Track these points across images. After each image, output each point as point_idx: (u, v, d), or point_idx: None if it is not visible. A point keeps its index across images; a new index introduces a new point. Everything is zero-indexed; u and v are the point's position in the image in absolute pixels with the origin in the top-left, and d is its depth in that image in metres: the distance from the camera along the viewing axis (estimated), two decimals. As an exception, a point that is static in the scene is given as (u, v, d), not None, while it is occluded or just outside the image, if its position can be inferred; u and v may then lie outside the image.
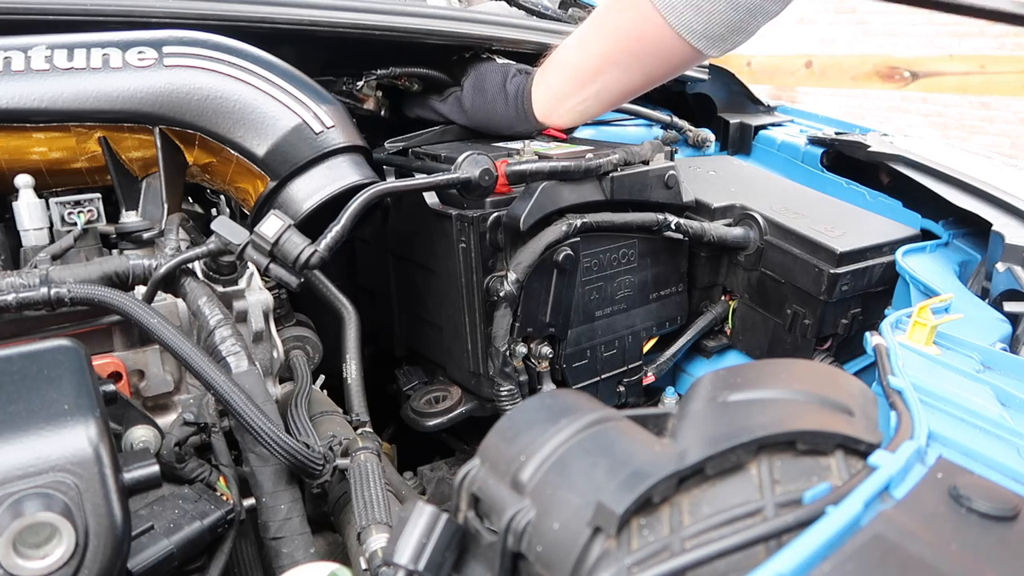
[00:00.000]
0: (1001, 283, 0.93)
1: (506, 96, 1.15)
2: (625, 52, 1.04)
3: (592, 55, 1.08)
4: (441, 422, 1.09)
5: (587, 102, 1.12)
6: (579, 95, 1.11)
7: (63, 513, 0.52)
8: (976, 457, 0.51)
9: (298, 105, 0.93)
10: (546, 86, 1.13)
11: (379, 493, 0.73)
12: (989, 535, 0.40)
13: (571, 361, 1.09)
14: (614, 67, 1.07)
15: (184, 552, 0.69)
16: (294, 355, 1.03)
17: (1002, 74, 5.40)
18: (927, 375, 0.65)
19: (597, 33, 1.07)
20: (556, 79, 1.12)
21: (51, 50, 0.85)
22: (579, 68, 1.10)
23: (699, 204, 1.17)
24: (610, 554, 0.40)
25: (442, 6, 1.35)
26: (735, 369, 0.53)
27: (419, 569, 0.45)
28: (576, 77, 1.10)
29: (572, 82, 1.11)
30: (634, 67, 1.06)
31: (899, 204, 1.24)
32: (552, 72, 1.13)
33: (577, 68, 1.10)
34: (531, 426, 0.49)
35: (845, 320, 1.10)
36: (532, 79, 1.14)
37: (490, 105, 1.17)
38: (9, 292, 0.73)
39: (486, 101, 1.17)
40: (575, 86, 1.11)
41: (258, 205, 0.96)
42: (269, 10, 1.02)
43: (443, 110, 1.21)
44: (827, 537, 0.37)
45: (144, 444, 0.76)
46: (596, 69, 1.08)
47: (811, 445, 0.44)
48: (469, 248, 0.98)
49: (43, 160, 0.89)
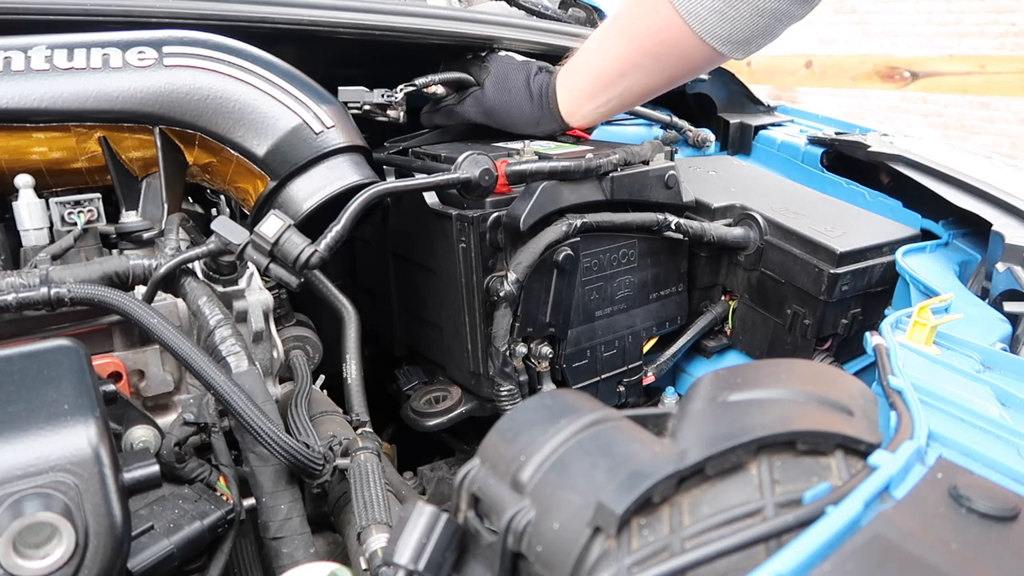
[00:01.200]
0: (1001, 283, 0.93)
1: (530, 94, 1.15)
2: (648, 55, 1.04)
3: (615, 58, 1.07)
4: (441, 422, 1.09)
5: (611, 103, 1.12)
6: (603, 96, 1.11)
7: (63, 513, 0.52)
8: (976, 457, 0.51)
9: (298, 105, 0.93)
10: (570, 88, 1.13)
11: (379, 493, 0.73)
12: (989, 535, 0.40)
13: (571, 361, 1.09)
14: (637, 69, 1.06)
15: (184, 552, 0.69)
16: (294, 355, 1.03)
17: (1002, 74, 5.41)
18: (927, 375, 0.65)
19: (620, 36, 1.06)
20: (580, 81, 1.12)
21: (51, 50, 0.85)
22: (603, 70, 1.09)
23: (699, 204, 1.17)
24: (610, 554, 0.40)
25: (442, 6, 1.35)
26: (735, 369, 0.53)
27: (419, 569, 0.45)
28: (600, 79, 1.10)
29: (596, 84, 1.10)
30: (657, 69, 1.06)
31: (899, 204, 1.24)
32: (575, 74, 1.12)
33: (600, 70, 1.10)
34: (531, 426, 0.49)
35: (845, 320, 1.10)
36: (555, 78, 1.14)
37: (515, 103, 1.16)
38: (9, 292, 0.73)
39: (510, 99, 1.16)
40: (599, 88, 1.11)
41: (258, 205, 0.96)
42: (269, 10, 1.02)
43: (462, 111, 1.21)
44: (827, 537, 0.37)
45: (144, 444, 0.76)
46: (620, 72, 1.08)
47: (811, 445, 0.44)
48: (469, 248, 0.98)
49: (43, 160, 0.89)
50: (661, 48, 1.02)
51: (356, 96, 1.09)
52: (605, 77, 1.09)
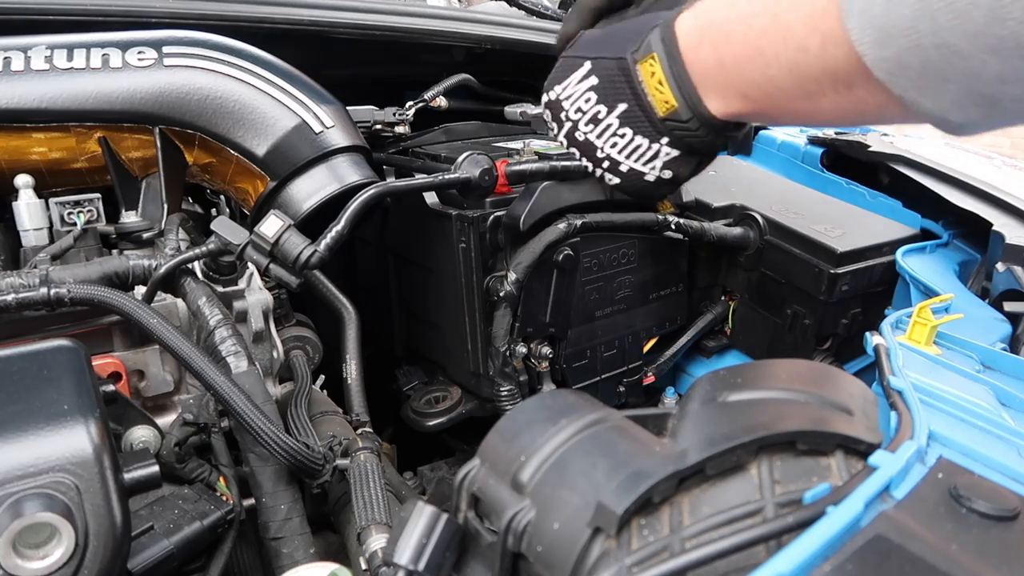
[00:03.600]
0: (1001, 283, 0.93)
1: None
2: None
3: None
4: (441, 422, 1.09)
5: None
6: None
7: (63, 513, 0.52)
8: (976, 457, 0.51)
9: (298, 105, 0.93)
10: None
11: (379, 493, 0.73)
12: (989, 535, 0.40)
13: (571, 361, 1.09)
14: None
15: (184, 552, 0.69)
16: (294, 355, 1.03)
17: (1002, 74, 5.39)
18: (927, 375, 0.65)
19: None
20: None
21: (51, 50, 0.85)
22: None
23: (699, 204, 1.17)
24: (610, 554, 0.40)
25: (442, 6, 1.35)
26: (735, 369, 0.53)
27: (419, 569, 0.45)
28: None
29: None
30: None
31: (899, 204, 1.24)
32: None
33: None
34: (531, 426, 0.49)
35: (845, 320, 1.10)
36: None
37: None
38: (9, 292, 0.73)
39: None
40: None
41: (258, 205, 0.96)
42: (269, 10, 1.02)
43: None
44: (827, 537, 0.37)
45: (144, 444, 0.76)
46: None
47: (811, 445, 0.44)
48: (469, 248, 0.98)
49: (43, 160, 0.89)
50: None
51: (367, 115, 1.10)
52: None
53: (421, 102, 1.14)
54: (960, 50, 0.46)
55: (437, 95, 1.17)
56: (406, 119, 1.13)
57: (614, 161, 0.69)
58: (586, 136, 0.70)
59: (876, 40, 0.49)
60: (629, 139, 0.68)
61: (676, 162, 0.68)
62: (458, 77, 1.19)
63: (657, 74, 0.64)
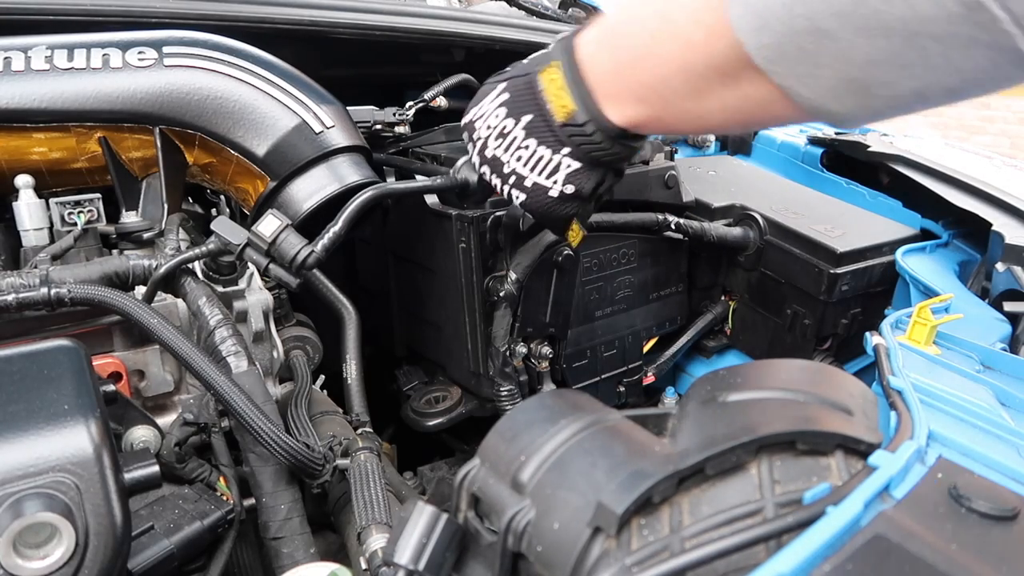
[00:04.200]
0: (1001, 283, 0.93)
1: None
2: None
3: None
4: (441, 422, 1.09)
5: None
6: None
7: (63, 513, 0.52)
8: (976, 457, 0.51)
9: (298, 105, 0.93)
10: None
11: (379, 493, 0.73)
12: (989, 535, 0.40)
13: (571, 361, 1.09)
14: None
15: (184, 552, 0.69)
16: (294, 355, 1.03)
17: (1002, 74, 5.39)
18: (927, 375, 0.65)
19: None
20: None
21: (51, 50, 0.85)
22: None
23: (699, 204, 1.17)
24: (610, 554, 0.40)
25: (442, 6, 1.36)
26: (735, 369, 0.53)
27: (419, 569, 0.45)
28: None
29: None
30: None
31: (899, 204, 1.24)
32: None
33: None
34: (531, 426, 0.49)
35: (845, 320, 1.10)
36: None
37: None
38: (9, 292, 0.73)
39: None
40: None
41: (258, 205, 0.96)
42: (269, 10, 1.02)
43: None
44: (827, 537, 0.37)
45: (144, 444, 0.76)
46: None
47: (811, 445, 0.44)
48: (469, 248, 0.98)
49: (43, 160, 0.89)
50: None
51: (367, 115, 1.10)
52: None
53: (421, 102, 1.14)
54: (830, 31, 0.47)
55: (437, 95, 1.17)
56: (406, 119, 1.13)
57: (519, 176, 0.71)
58: (494, 152, 0.72)
59: (755, 27, 0.50)
60: (532, 151, 0.69)
61: (577, 175, 0.69)
62: (458, 77, 1.19)
63: (557, 80, 0.66)
